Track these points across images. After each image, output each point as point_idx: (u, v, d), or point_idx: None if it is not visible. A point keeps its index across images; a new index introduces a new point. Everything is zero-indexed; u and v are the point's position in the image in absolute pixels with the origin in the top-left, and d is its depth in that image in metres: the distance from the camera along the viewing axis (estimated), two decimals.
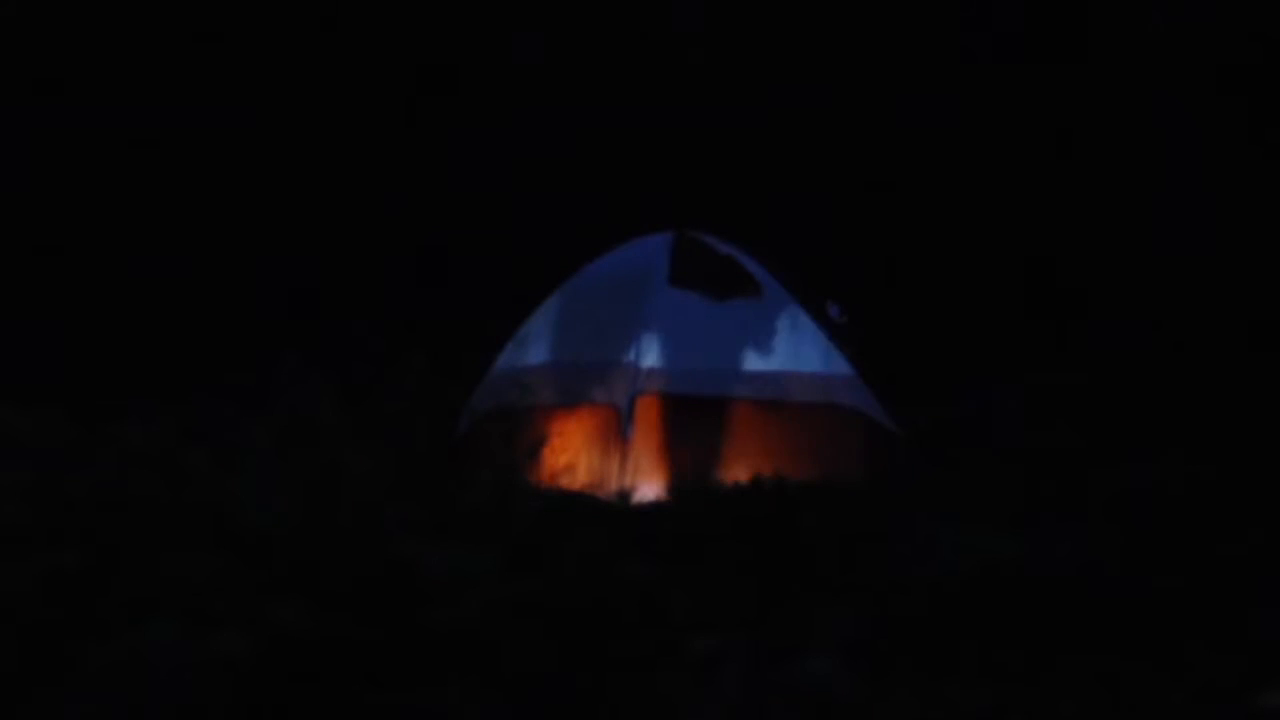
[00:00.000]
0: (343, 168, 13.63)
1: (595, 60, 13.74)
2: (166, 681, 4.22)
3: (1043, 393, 10.72)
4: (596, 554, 5.28)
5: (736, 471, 9.21)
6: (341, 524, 5.24)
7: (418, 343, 9.40)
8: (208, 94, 13.58)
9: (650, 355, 9.36)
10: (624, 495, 8.58)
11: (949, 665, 4.74)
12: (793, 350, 9.56)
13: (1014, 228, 13.24)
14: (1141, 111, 13.10)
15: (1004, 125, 13.36)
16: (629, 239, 10.10)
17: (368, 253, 13.45)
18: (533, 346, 9.77)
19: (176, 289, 13.25)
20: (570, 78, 13.70)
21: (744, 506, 7.49)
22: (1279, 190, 12.66)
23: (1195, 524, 6.59)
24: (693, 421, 9.39)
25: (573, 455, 9.39)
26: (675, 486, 8.91)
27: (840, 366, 9.54)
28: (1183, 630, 5.08)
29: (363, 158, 13.69)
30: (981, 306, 13.06)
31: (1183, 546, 6.09)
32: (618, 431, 9.27)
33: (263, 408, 7.71)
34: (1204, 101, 12.94)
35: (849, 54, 13.52)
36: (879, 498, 7.81)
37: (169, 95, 13.57)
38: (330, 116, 13.72)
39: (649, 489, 9.08)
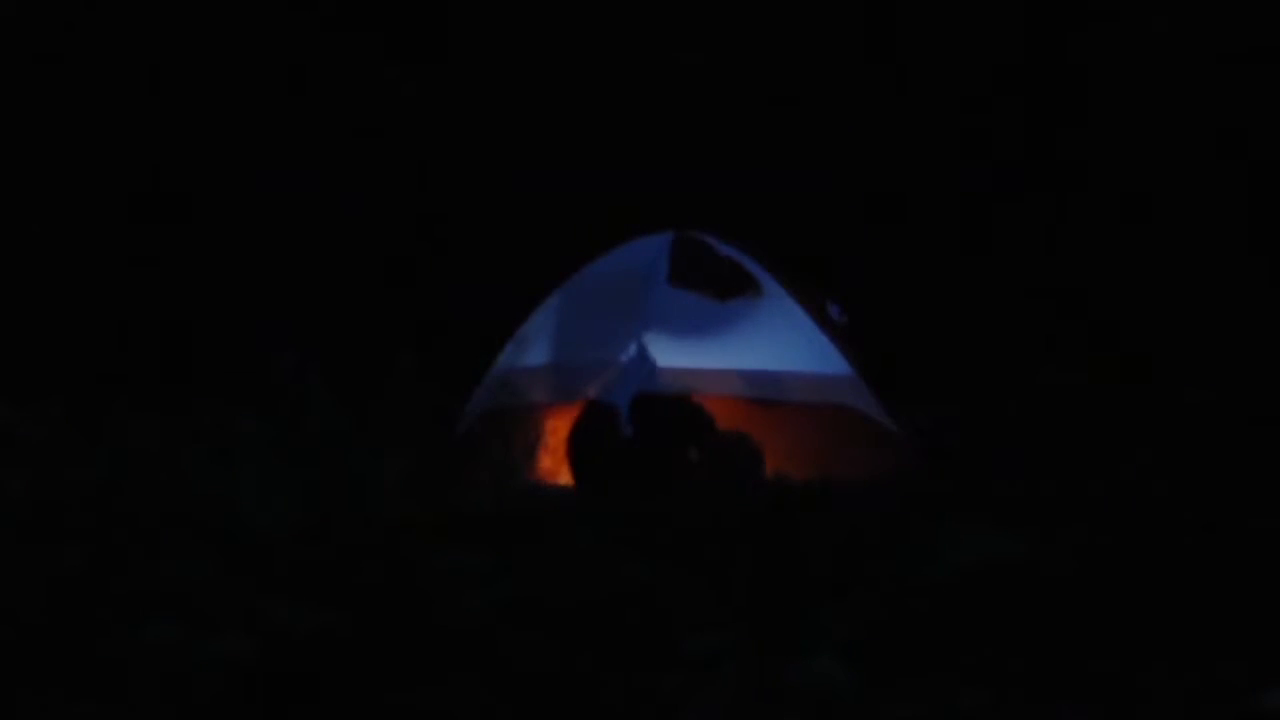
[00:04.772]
0: (342, 168, 13.63)
1: (595, 59, 13.74)
2: (167, 681, 4.22)
3: (1042, 393, 10.73)
4: (596, 554, 5.29)
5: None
6: (341, 524, 5.24)
7: (417, 343, 9.40)
8: (205, 94, 13.58)
9: (650, 355, 9.36)
10: (622, 495, 8.58)
11: (949, 665, 4.74)
12: (793, 350, 9.56)
13: (1014, 228, 13.25)
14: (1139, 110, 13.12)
15: (1001, 124, 13.37)
16: (629, 239, 10.10)
17: (367, 253, 13.45)
18: (532, 346, 9.77)
19: (176, 289, 13.25)
20: (570, 77, 13.70)
21: (744, 506, 7.49)
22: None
23: (1194, 523, 6.60)
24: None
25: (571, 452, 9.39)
26: (675, 487, 8.91)
27: (840, 366, 9.53)
28: (1183, 630, 5.08)
29: (362, 159, 13.70)
30: (982, 306, 13.06)
31: (1182, 546, 6.09)
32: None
33: (263, 408, 7.71)
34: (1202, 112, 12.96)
35: (848, 53, 13.52)
36: (879, 498, 7.81)
37: (167, 95, 13.57)
38: (328, 116, 13.72)
39: (648, 489, 9.07)
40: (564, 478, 9.33)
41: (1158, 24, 13.08)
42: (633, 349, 9.35)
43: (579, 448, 9.29)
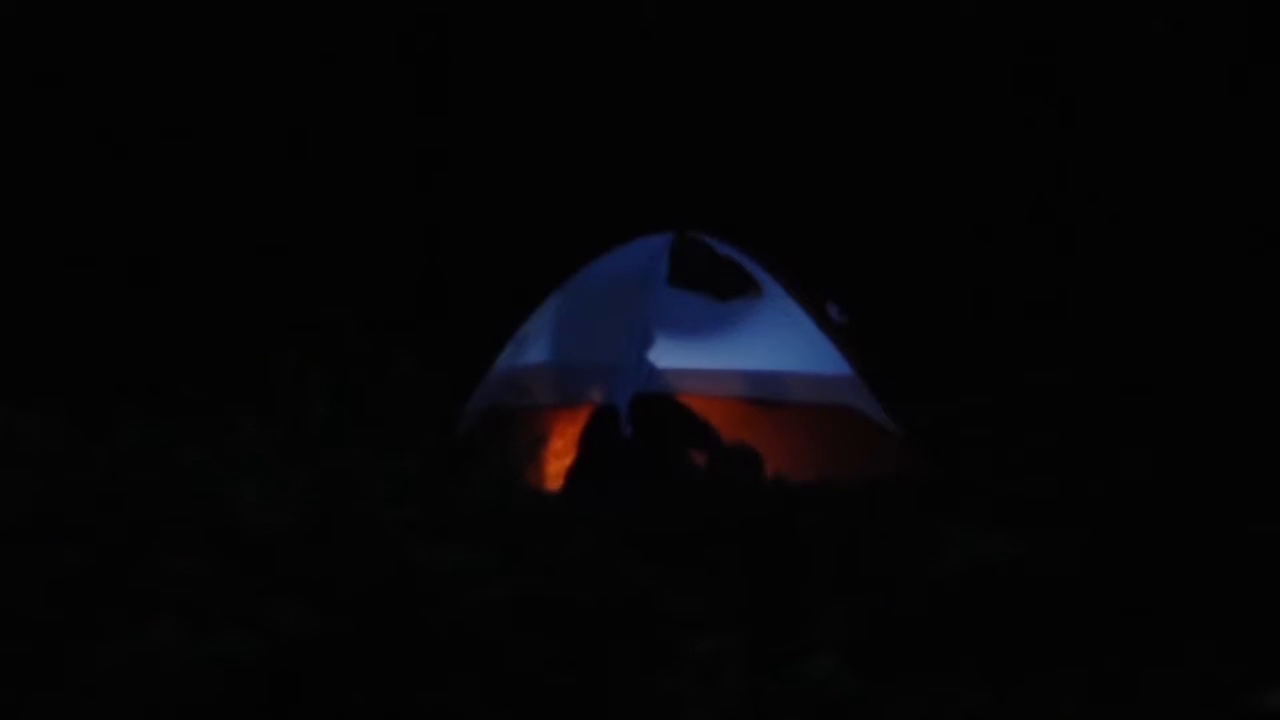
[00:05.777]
0: (341, 168, 13.63)
1: (595, 59, 13.74)
2: (167, 682, 4.22)
3: (1041, 392, 10.73)
4: (596, 554, 5.28)
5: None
6: (341, 525, 5.24)
7: (417, 343, 9.40)
8: (205, 94, 13.58)
9: (650, 355, 9.36)
10: (622, 495, 8.57)
11: (949, 665, 4.74)
12: (793, 350, 9.56)
13: (1014, 227, 13.25)
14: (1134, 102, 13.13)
15: (998, 123, 13.37)
16: (629, 239, 10.10)
17: (366, 253, 13.45)
18: (532, 347, 9.77)
19: (176, 289, 13.25)
20: (570, 77, 13.70)
21: (744, 506, 7.48)
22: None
23: (1194, 523, 6.59)
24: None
25: (572, 456, 9.39)
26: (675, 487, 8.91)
27: (840, 366, 9.54)
28: (1183, 630, 5.08)
29: (362, 158, 13.70)
30: (980, 306, 13.06)
31: (1182, 546, 6.09)
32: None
33: (262, 408, 7.71)
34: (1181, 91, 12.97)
35: (850, 54, 13.52)
36: (879, 498, 7.80)
37: (166, 95, 13.57)
38: (328, 116, 13.72)
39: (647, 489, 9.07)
40: (563, 480, 9.33)
41: (1155, 24, 13.08)
42: (632, 350, 9.36)
43: (580, 449, 9.30)
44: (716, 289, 9.69)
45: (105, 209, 13.44)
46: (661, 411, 9.25)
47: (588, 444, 9.25)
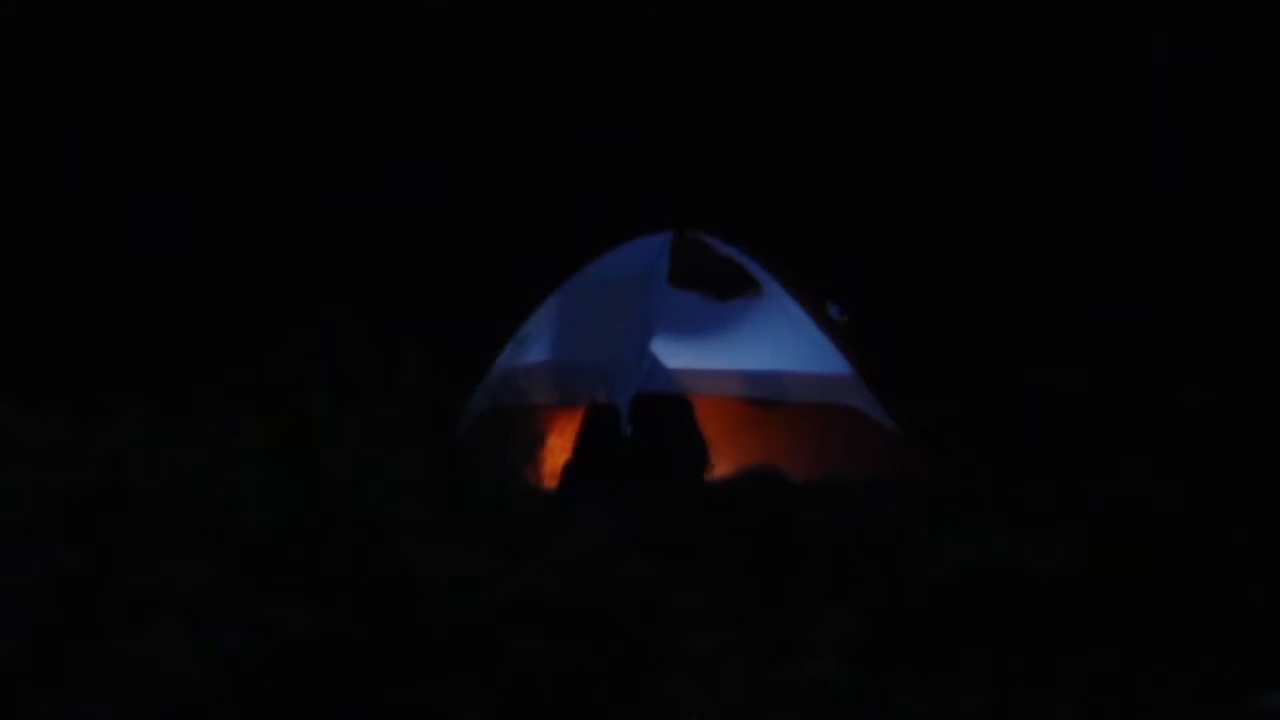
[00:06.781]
0: (341, 167, 13.63)
1: (595, 59, 13.74)
2: (167, 682, 4.22)
3: (1042, 393, 10.73)
4: (596, 554, 5.28)
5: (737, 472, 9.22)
6: (341, 525, 5.24)
7: (417, 343, 9.40)
8: (206, 93, 13.59)
9: (650, 355, 9.36)
10: (621, 495, 8.57)
11: (949, 665, 4.74)
12: (793, 350, 9.56)
13: (1016, 228, 13.25)
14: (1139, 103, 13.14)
15: (999, 123, 13.37)
16: (629, 239, 10.10)
17: (366, 252, 13.45)
18: (533, 346, 9.78)
19: (176, 288, 13.26)
20: (570, 76, 13.70)
21: (744, 506, 7.48)
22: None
23: (1194, 523, 6.59)
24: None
25: (569, 454, 9.39)
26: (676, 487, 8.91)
27: (840, 366, 9.54)
28: (1183, 630, 5.08)
29: (362, 157, 13.70)
30: (980, 306, 13.07)
31: (1182, 546, 6.09)
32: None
33: (263, 408, 7.70)
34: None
35: (847, 53, 13.53)
36: (879, 498, 7.80)
37: (166, 93, 13.58)
38: (328, 115, 13.72)
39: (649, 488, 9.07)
40: (559, 479, 9.33)
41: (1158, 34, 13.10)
42: (633, 349, 9.36)
43: (577, 449, 9.30)
44: (716, 289, 9.70)
45: (106, 208, 13.45)
46: (663, 410, 9.25)
47: (584, 443, 9.26)
